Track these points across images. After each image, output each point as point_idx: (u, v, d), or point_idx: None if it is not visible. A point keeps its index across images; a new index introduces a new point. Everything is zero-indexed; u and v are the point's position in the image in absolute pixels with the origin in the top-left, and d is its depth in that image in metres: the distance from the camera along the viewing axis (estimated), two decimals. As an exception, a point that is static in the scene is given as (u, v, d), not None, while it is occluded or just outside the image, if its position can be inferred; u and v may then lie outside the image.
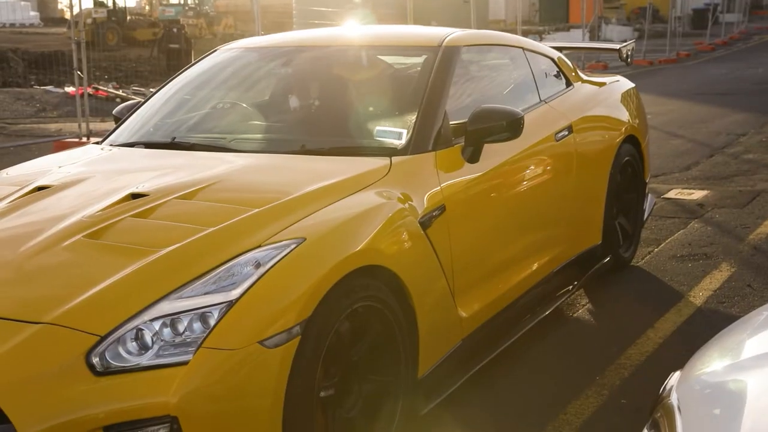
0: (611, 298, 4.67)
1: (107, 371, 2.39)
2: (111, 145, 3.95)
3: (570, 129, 4.43)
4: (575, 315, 4.45)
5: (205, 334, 2.45)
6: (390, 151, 3.44)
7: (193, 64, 4.48)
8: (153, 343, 2.45)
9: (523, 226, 4.03)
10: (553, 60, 4.83)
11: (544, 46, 4.97)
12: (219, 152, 3.59)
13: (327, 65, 4.14)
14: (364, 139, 3.58)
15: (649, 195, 5.56)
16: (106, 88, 14.01)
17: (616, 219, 4.96)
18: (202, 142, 3.73)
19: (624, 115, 5.10)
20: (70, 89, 14.43)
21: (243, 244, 2.71)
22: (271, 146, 3.64)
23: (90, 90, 14.48)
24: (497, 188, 3.79)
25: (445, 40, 3.99)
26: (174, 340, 2.46)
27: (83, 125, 9.78)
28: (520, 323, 3.96)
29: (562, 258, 4.39)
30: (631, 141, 5.08)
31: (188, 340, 2.46)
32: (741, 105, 12.83)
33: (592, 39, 22.74)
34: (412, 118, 3.59)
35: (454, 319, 3.43)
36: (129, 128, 4.08)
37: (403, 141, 3.50)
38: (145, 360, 2.42)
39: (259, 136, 3.79)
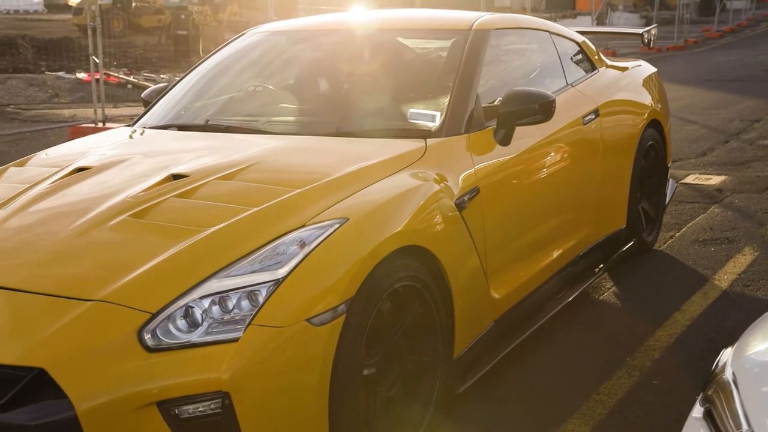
0: (636, 281, 4.70)
1: (159, 348, 2.42)
2: (143, 127, 3.97)
3: (596, 113, 4.44)
4: (601, 298, 4.48)
5: (254, 312, 2.48)
6: (424, 133, 3.46)
7: (222, 48, 4.49)
8: (203, 320, 2.48)
9: (551, 209, 4.05)
10: (577, 44, 4.84)
11: (569, 30, 4.98)
12: (254, 134, 3.62)
13: (357, 48, 4.16)
14: (397, 122, 3.60)
15: (670, 180, 5.58)
16: (117, 74, 14.01)
17: (639, 203, 4.98)
18: (235, 124, 3.75)
19: (647, 100, 5.11)
20: (81, 75, 14.46)
21: (287, 223, 2.74)
22: (305, 128, 3.67)
23: (96, 76, 14.51)
24: (528, 171, 3.81)
25: (475, 23, 4.01)
26: (223, 318, 2.49)
27: (99, 111, 9.78)
28: (549, 306, 3.99)
29: (588, 241, 4.42)
30: (654, 125, 5.10)
31: (237, 317, 2.49)
32: (752, 91, 12.82)
33: (599, 26, 22.66)
34: (445, 100, 3.61)
35: (488, 300, 3.46)
36: (160, 111, 4.10)
37: (437, 123, 3.52)
38: (195, 337, 2.45)
39: (292, 118, 3.81)
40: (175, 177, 3.09)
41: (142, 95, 4.47)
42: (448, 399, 3.19)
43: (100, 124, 9.65)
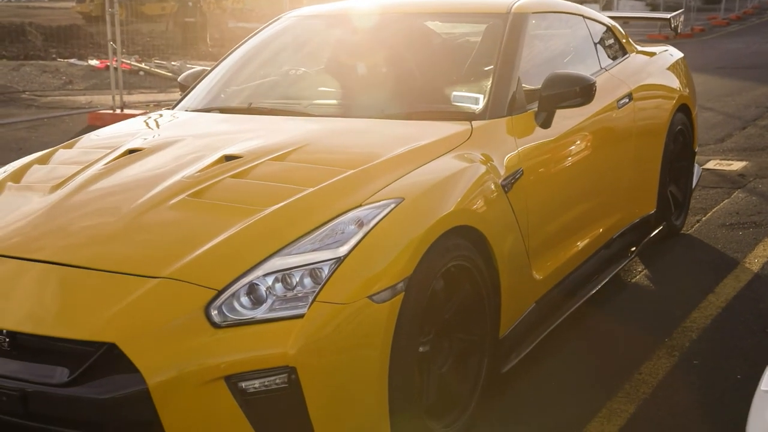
0: (667, 264, 4.74)
1: (225, 324, 2.46)
2: (185, 110, 4.01)
3: (630, 97, 4.48)
4: (633, 281, 4.52)
5: (317, 289, 2.52)
6: (469, 116, 3.50)
7: (257, 33, 4.52)
8: (267, 297, 2.52)
9: (588, 192, 4.08)
10: (609, 28, 4.87)
11: (601, 15, 5.00)
12: (298, 117, 3.65)
13: (394, 32, 4.18)
14: (441, 105, 3.64)
15: (696, 165, 5.61)
16: (129, 61, 14.01)
17: (668, 187, 5.02)
18: (279, 107, 3.79)
19: (676, 84, 5.14)
20: (94, 62, 14.48)
21: (344, 203, 2.78)
22: (349, 111, 3.70)
23: (114, 63, 14.53)
24: (567, 154, 3.84)
25: (513, 7, 4.03)
26: (286, 295, 2.52)
27: (117, 97, 9.81)
28: (584, 288, 4.03)
29: (621, 225, 4.46)
30: (683, 110, 5.14)
31: (299, 294, 2.53)
32: (765, 78, 12.83)
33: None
34: (486, 83, 3.65)
35: (530, 281, 3.50)
36: (199, 95, 4.13)
37: (480, 106, 3.56)
38: (260, 313, 2.49)
39: (336, 101, 3.85)
40: (228, 158, 3.13)
41: (179, 79, 4.50)
42: (494, 378, 3.23)
43: (118, 111, 9.67)
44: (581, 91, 3.60)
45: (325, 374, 2.49)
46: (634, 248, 4.55)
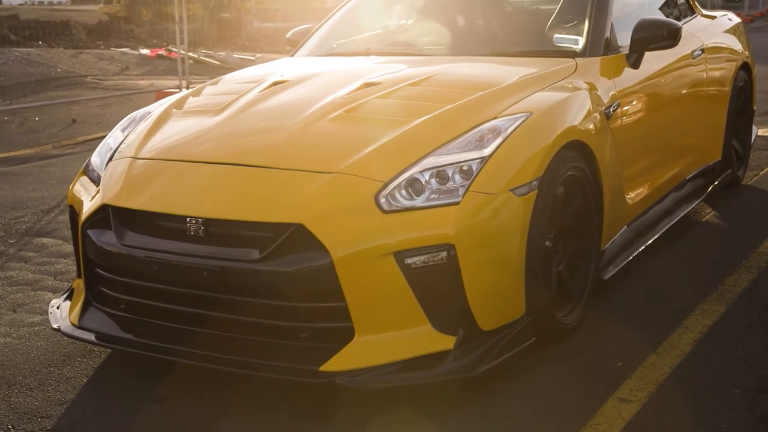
0: (733, 208, 5.13)
1: (392, 210, 2.88)
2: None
3: (702, 50, 4.88)
4: (704, 220, 4.91)
5: (468, 182, 2.93)
6: (571, 54, 3.93)
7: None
8: (425, 189, 2.93)
9: (668, 132, 4.48)
10: (679, -11, 5.27)
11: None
12: (416, 57, 4.08)
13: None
14: (546, 44, 4.07)
15: (753, 125, 5.99)
16: (177, 50, 14.49)
17: (731, 138, 5.40)
18: (396, 50, 4.21)
19: (738, 45, 5.54)
20: (145, 51, 15.01)
21: (481, 116, 3.20)
22: (463, 51, 4.13)
23: (163, 51, 15.06)
24: (653, 94, 4.25)
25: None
26: (440, 188, 2.94)
27: (183, 81, 10.30)
28: (664, 220, 4.43)
29: (693, 168, 4.87)
30: (745, 68, 5.54)
31: (452, 188, 2.94)
32: (798, 65, 13.13)
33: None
34: (584, 27, 4.06)
35: (624, 204, 3.91)
36: (314, 46, 4.58)
37: (580, 46, 3.98)
38: (419, 202, 2.90)
39: (448, 44, 4.27)
40: (368, 85, 3.55)
41: (287, 35, 4.94)
42: (597, 284, 3.63)
43: (184, 90, 10.15)
44: (668, 34, 4.01)
45: (477, 253, 2.91)
46: (705, 191, 4.94)
